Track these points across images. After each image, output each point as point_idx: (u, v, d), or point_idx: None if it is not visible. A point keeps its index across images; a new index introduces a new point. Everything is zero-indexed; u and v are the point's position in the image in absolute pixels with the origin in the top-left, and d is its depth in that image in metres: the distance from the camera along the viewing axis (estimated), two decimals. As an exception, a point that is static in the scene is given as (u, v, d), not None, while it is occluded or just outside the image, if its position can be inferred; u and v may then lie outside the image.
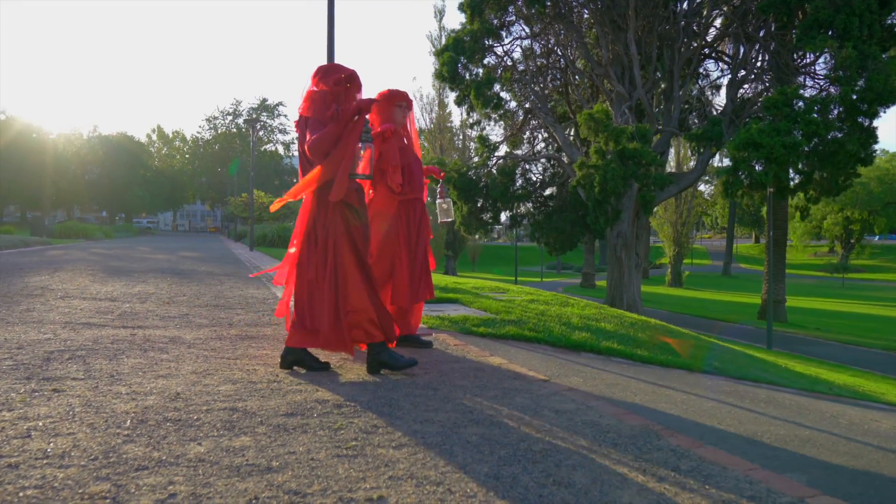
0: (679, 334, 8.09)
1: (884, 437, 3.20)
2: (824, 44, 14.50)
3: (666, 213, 41.42)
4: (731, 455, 2.33)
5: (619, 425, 2.67)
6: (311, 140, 3.32)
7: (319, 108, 3.44)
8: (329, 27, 8.10)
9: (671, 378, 4.65)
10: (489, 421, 2.62)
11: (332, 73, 3.50)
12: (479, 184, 21.60)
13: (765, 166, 14.52)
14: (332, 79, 3.47)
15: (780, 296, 22.07)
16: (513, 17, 22.10)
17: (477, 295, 8.45)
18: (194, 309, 6.08)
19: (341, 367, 3.60)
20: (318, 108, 3.44)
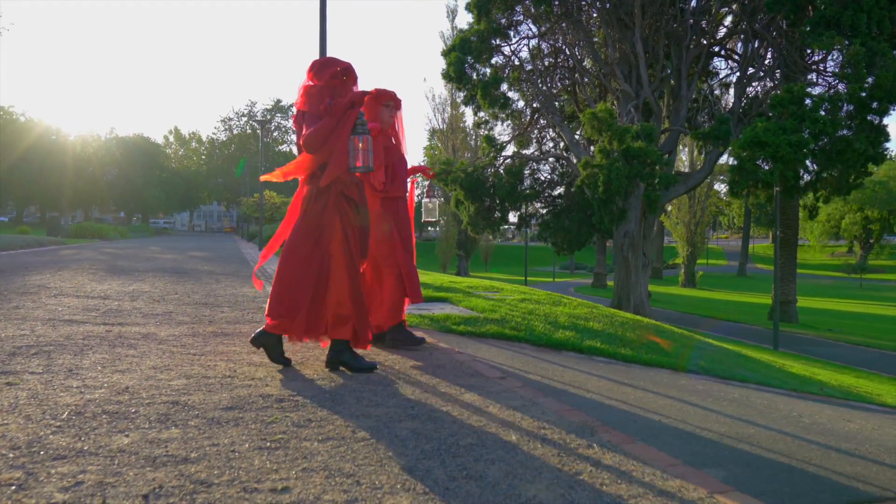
0: (670, 334, 8.04)
1: (837, 437, 3.17)
2: (832, 41, 14.32)
3: (679, 213, 41.09)
4: (659, 451, 2.34)
5: (559, 421, 2.68)
6: (306, 134, 3.35)
7: (316, 103, 3.46)
8: (321, 24, 8.16)
9: (644, 377, 4.64)
10: (427, 416, 2.65)
11: (327, 67, 3.52)
12: (487, 184, 21.59)
13: (771, 165, 14.36)
14: (328, 72, 3.50)
15: (790, 296, 21.81)
16: (520, 17, 22.09)
17: (468, 294, 8.46)
18: (181, 307, 6.17)
19: (303, 364, 3.64)
20: (315, 102, 3.46)
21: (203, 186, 63.06)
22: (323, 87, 3.50)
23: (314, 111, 3.44)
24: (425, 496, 1.84)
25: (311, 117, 3.42)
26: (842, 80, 14.99)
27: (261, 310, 6.30)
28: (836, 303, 33.19)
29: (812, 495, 1.98)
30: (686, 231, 40.61)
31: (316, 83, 3.52)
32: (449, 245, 42.75)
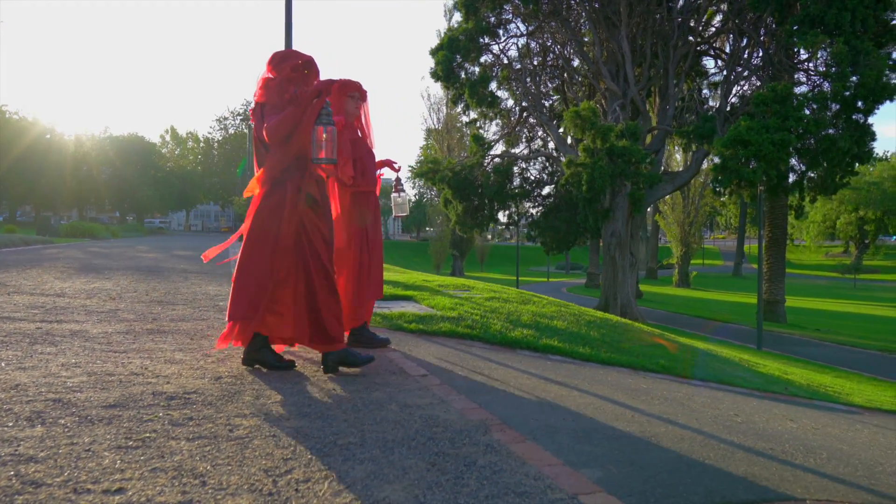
0: (638, 332, 7.95)
1: (759, 437, 3.09)
2: (816, 39, 14.24)
3: (674, 213, 41.00)
4: (544, 451, 2.26)
5: (457, 420, 2.60)
6: (270, 124, 3.24)
7: (275, 95, 3.38)
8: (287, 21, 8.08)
9: (588, 375, 4.56)
10: (319, 414, 2.57)
11: (288, 59, 3.44)
12: (475, 183, 21.50)
13: (754, 164, 14.28)
14: (288, 65, 3.42)
15: (778, 296, 21.72)
16: (509, 16, 22.00)
17: (436, 292, 8.38)
18: (133, 304, 6.08)
19: (222, 361, 3.56)
20: (274, 94, 3.38)
21: (198, 186, 62.94)
22: (283, 80, 3.41)
23: (274, 102, 3.35)
24: (269, 497, 1.76)
25: (272, 108, 3.33)
26: (826, 78, 14.91)
27: (216, 308, 6.22)
28: (828, 303, 33.12)
29: (683, 496, 1.90)
30: (680, 231, 40.51)
31: (275, 75, 3.43)
32: (443, 245, 42.67)
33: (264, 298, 3.33)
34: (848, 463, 2.83)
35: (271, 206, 3.36)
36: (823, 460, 2.78)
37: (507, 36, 21.92)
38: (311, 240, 3.39)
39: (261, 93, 3.44)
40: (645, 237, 53.33)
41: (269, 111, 3.34)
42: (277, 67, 3.44)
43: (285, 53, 3.50)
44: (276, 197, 3.36)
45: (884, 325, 23.55)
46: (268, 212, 3.36)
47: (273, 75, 3.45)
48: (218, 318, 5.46)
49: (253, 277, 3.34)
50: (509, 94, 23.10)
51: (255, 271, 3.34)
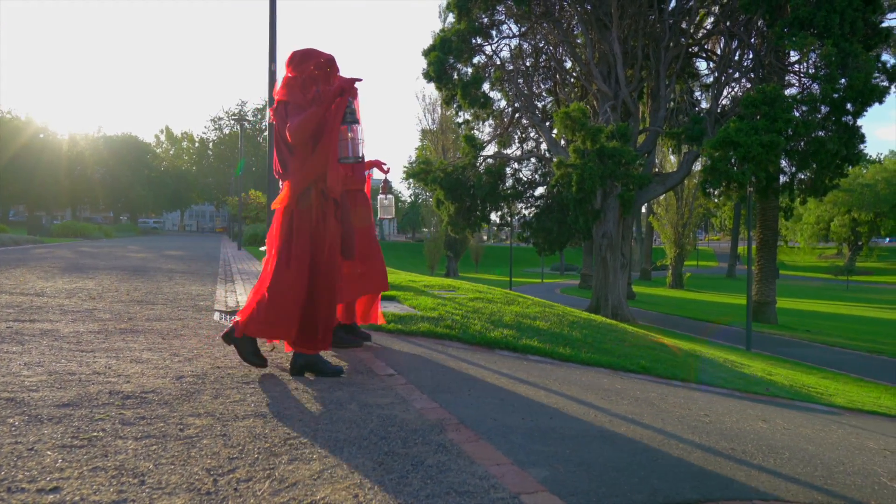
0: (622, 333, 7.96)
1: (723, 437, 3.09)
2: (805, 41, 14.28)
3: (667, 215, 41.06)
4: (496, 451, 2.25)
5: (414, 420, 2.59)
6: (294, 124, 3.22)
7: (298, 93, 3.37)
8: (271, 22, 8.06)
9: (563, 376, 4.55)
10: (276, 414, 2.55)
11: (309, 58, 3.44)
12: (467, 183, 21.49)
13: (742, 165, 14.31)
14: (311, 63, 3.42)
15: (769, 297, 21.77)
16: (502, 17, 22.02)
17: (420, 292, 8.37)
18: (112, 304, 6.06)
19: (192, 359, 3.54)
20: (297, 92, 3.37)
21: (193, 186, 62.80)
22: (306, 78, 3.41)
23: (297, 101, 3.33)
24: (206, 496, 1.74)
25: (295, 107, 3.31)
26: (815, 80, 14.95)
27: (195, 307, 6.20)
28: (820, 304, 33.22)
29: (626, 496, 1.89)
30: (674, 232, 40.58)
31: (296, 74, 3.43)
32: (437, 245, 42.63)
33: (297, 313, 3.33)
34: (809, 463, 2.83)
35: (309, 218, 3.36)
36: (784, 460, 2.77)
37: (499, 37, 21.93)
38: (332, 242, 3.40)
39: (282, 91, 3.43)
40: (640, 238, 53.42)
41: (292, 110, 3.33)
42: (298, 66, 3.44)
43: (305, 52, 3.48)
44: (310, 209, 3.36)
45: (873, 327, 23.63)
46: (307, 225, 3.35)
47: (294, 74, 3.44)
48: (195, 318, 5.44)
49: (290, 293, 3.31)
50: (502, 95, 23.12)
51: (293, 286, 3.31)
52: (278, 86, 3.53)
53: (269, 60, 8.10)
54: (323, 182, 3.37)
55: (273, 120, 3.51)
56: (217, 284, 8.86)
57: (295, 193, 3.37)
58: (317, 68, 3.44)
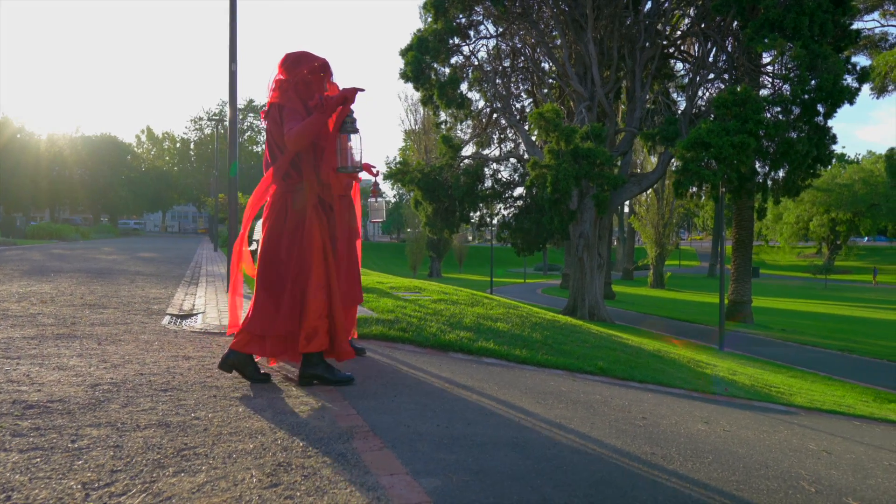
0: (585, 334, 7.95)
1: (648, 440, 3.07)
2: (774, 43, 14.40)
3: (648, 215, 41.29)
4: (395, 460, 2.20)
5: (325, 427, 2.54)
6: (295, 130, 3.16)
7: (293, 97, 3.31)
8: (231, 21, 7.97)
9: (506, 379, 4.51)
10: (179, 424, 2.49)
11: (304, 61, 3.38)
12: (445, 184, 21.45)
13: (714, 166, 14.39)
14: (305, 67, 3.36)
15: (745, 297, 21.94)
16: (480, 17, 22.00)
17: (385, 294, 8.32)
18: (62, 308, 5.95)
19: (119, 367, 3.46)
20: (292, 96, 3.31)
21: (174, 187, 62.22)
22: (300, 82, 3.35)
23: (293, 105, 3.28)
24: (71, 513, 1.68)
25: (291, 112, 3.25)
26: (785, 82, 15.07)
27: (148, 311, 6.10)
28: (798, 303, 33.55)
29: (512, 507, 1.86)
30: (654, 232, 40.80)
31: (289, 77, 3.36)
32: (419, 246, 42.56)
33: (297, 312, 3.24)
34: (730, 467, 2.82)
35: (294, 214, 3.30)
36: (704, 464, 2.76)
37: (477, 37, 21.91)
38: (333, 247, 3.35)
39: (275, 94, 3.37)
40: (622, 238, 53.68)
41: (288, 114, 3.26)
42: (291, 69, 3.38)
43: (299, 55, 3.43)
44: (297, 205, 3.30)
45: (848, 325, 23.90)
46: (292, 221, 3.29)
47: (286, 77, 3.38)
48: (141, 323, 5.35)
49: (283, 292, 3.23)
50: (481, 96, 23.11)
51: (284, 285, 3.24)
52: (269, 88, 3.47)
53: (229, 60, 8.00)
54: (320, 187, 3.34)
55: (265, 122, 3.46)
56: (179, 287, 8.75)
57: (286, 196, 3.33)
58: (311, 73, 3.38)
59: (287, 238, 3.30)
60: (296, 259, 3.27)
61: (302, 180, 3.34)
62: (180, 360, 3.79)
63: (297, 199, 3.34)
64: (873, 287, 47.37)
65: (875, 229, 56.50)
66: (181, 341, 4.51)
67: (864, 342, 18.73)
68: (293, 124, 3.23)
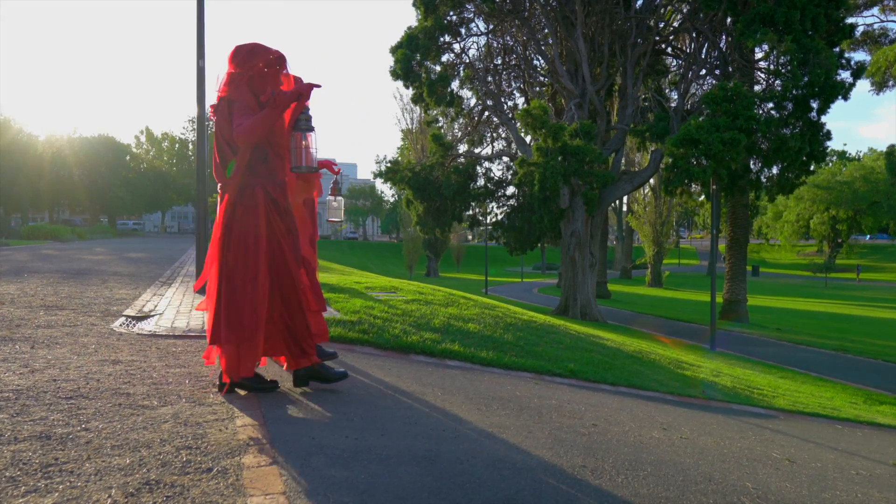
0: (561, 335, 7.75)
1: (584, 451, 2.88)
2: (764, 38, 14.17)
3: (646, 213, 41.04)
4: (281, 477, 2.02)
5: (223, 439, 2.36)
6: (245, 126, 3.01)
7: (245, 92, 3.14)
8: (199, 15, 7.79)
9: (459, 383, 4.33)
10: (63, 436, 2.31)
11: (257, 54, 3.19)
12: (436, 183, 21.26)
13: (704, 163, 14.17)
14: (259, 60, 3.18)
15: (740, 296, 21.72)
16: (471, 15, 21.81)
17: (357, 294, 8.13)
18: (16, 310, 5.78)
19: (37, 371, 3.28)
20: (244, 91, 3.14)
21: (172, 187, 62.12)
22: (255, 76, 3.18)
23: (244, 100, 3.11)
24: None
25: (243, 107, 3.08)
26: (776, 77, 14.85)
27: (105, 313, 5.92)
28: (797, 302, 33.30)
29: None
30: (652, 231, 40.55)
31: (240, 70, 3.17)
32: (415, 245, 42.37)
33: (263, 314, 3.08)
34: (667, 480, 2.63)
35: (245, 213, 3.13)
36: (637, 478, 2.57)
37: (468, 34, 21.72)
38: (282, 249, 3.16)
39: (225, 88, 3.19)
40: (620, 237, 53.43)
41: (238, 109, 3.10)
42: (244, 63, 3.19)
43: (252, 48, 3.22)
44: (247, 204, 3.13)
45: (846, 324, 23.64)
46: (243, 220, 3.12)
47: (238, 70, 3.19)
48: (91, 325, 5.17)
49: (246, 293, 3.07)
50: (473, 94, 22.92)
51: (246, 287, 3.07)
52: (220, 82, 3.28)
53: (196, 56, 7.83)
54: (272, 186, 3.17)
55: (213, 117, 3.28)
56: (150, 288, 8.57)
57: (229, 190, 3.16)
58: (266, 66, 3.20)
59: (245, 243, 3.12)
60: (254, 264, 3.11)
61: (255, 178, 3.17)
62: (108, 364, 3.62)
63: (247, 199, 3.16)
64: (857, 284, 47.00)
65: (877, 227, 56.17)
66: (120, 344, 4.34)
67: (859, 341, 18.48)
68: (243, 120, 3.07)
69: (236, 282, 3.10)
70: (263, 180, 3.18)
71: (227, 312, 3.03)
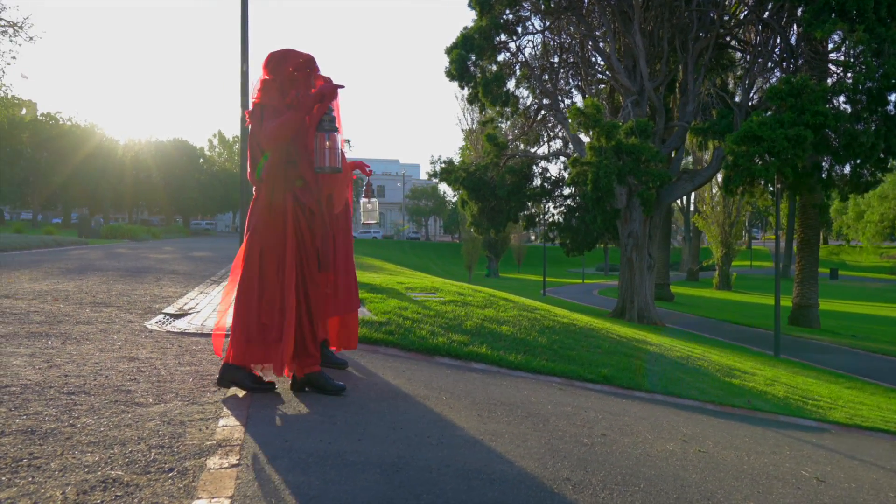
0: (600, 339, 7.53)
1: (576, 464, 2.76)
2: (834, 27, 13.38)
3: (714, 213, 39.56)
4: (236, 480, 2.02)
5: (198, 439, 2.39)
6: (270, 128, 3.12)
7: (276, 96, 3.27)
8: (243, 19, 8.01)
9: (472, 387, 4.25)
10: (48, 431, 2.39)
11: (287, 59, 3.32)
12: (490, 183, 21.15)
13: (766, 161, 13.51)
14: (290, 64, 3.30)
15: (811, 300, 20.61)
16: (527, 13, 21.59)
17: (395, 295, 8.15)
18: (67, 306, 6.08)
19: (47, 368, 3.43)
20: (275, 95, 3.28)
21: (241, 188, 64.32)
22: (284, 80, 3.30)
23: (275, 104, 3.23)
24: None
25: (272, 111, 3.21)
26: (847, 69, 14.00)
27: (147, 310, 6.16)
28: (876, 307, 31.33)
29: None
30: (720, 232, 39.04)
31: (273, 77, 3.31)
32: (475, 246, 42.22)
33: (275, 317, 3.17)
34: (658, 496, 2.48)
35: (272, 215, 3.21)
36: (625, 494, 2.43)
37: (523, 33, 21.50)
38: (306, 252, 3.24)
39: (259, 95, 3.31)
40: (687, 238, 51.69)
41: (269, 114, 3.21)
42: (276, 69, 3.31)
43: (283, 53, 3.33)
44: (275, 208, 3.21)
45: (931, 332, 22.04)
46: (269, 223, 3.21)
47: (271, 77, 3.31)
48: (128, 322, 5.39)
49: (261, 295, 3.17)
50: (529, 92, 22.69)
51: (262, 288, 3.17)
52: (254, 89, 3.41)
53: (241, 61, 8.05)
54: (301, 189, 3.23)
55: (249, 123, 3.39)
56: (199, 286, 8.87)
57: (267, 200, 3.23)
58: (296, 70, 3.29)
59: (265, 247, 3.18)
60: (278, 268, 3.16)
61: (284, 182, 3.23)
62: (124, 361, 3.74)
63: (275, 203, 3.22)
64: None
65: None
66: (146, 341, 4.49)
67: (944, 351, 17.19)
68: (270, 123, 3.13)
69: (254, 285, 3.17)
70: (292, 184, 3.22)
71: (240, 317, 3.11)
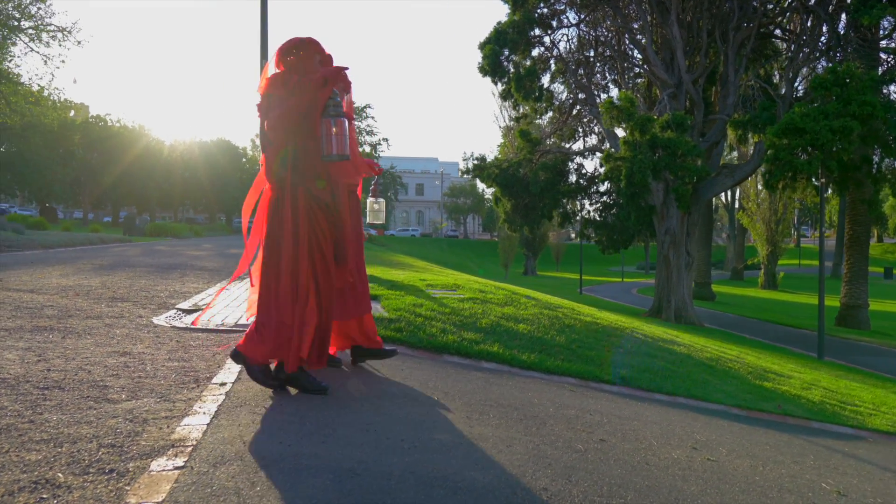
0: (623, 339, 7.25)
1: (555, 474, 2.57)
2: (882, 13, 12.71)
3: (759, 210, 38.32)
4: (172, 484, 1.90)
5: (152, 438, 2.29)
6: (273, 116, 3.11)
7: (279, 86, 3.25)
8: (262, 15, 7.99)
9: (473, 387, 4.09)
10: (30, 422, 2.32)
11: (292, 45, 3.31)
12: (524, 180, 20.87)
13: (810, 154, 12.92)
14: (292, 53, 3.30)
15: (860, 300, 19.70)
16: (562, 6, 21.21)
17: (416, 291, 8.03)
18: (84, 301, 6.14)
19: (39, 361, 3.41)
20: (279, 86, 3.25)
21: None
22: (286, 71, 3.28)
23: (280, 93, 3.20)
24: None
25: (278, 100, 3.18)
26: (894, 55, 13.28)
27: (161, 305, 6.18)
28: (933, 308, 29.82)
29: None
30: (766, 229, 37.78)
31: (280, 68, 3.30)
32: (511, 244, 41.88)
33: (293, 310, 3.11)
34: (644, 511, 2.28)
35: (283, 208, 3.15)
36: (606, 506, 2.24)
37: (558, 27, 21.12)
38: (321, 248, 3.17)
39: (265, 85, 3.27)
40: (732, 236, 50.24)
41: (276, 102, 3.17)
42: (283, 59, 3.29)
43: (289, 43, 3.32)
44: (287, 203, 3.14)
45: None
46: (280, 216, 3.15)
47: (279, 70, 3.29)
48: (137, 317, 5.40)
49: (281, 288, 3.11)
50: (564, 87, 22.31)
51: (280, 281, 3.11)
52: (262, 79, 3.37)
53: (260, 56, 8.05)
54: (310, 181, 3.16)
55: (259, 115, 3.34)
56: (219, 283, 8.91)
57: (275, 195, 3.18)
58: (295, 49, 3.26)
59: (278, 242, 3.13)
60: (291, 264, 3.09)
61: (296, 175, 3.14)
62: (114, 356, 3.70)
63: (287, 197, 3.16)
64: None
65: None
66: (146, 336, 4.46)
67: None
68: (273, 112, 3.10)
69: (269, 280, 3.09)
70: (304, 177, 3.12)
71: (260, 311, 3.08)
